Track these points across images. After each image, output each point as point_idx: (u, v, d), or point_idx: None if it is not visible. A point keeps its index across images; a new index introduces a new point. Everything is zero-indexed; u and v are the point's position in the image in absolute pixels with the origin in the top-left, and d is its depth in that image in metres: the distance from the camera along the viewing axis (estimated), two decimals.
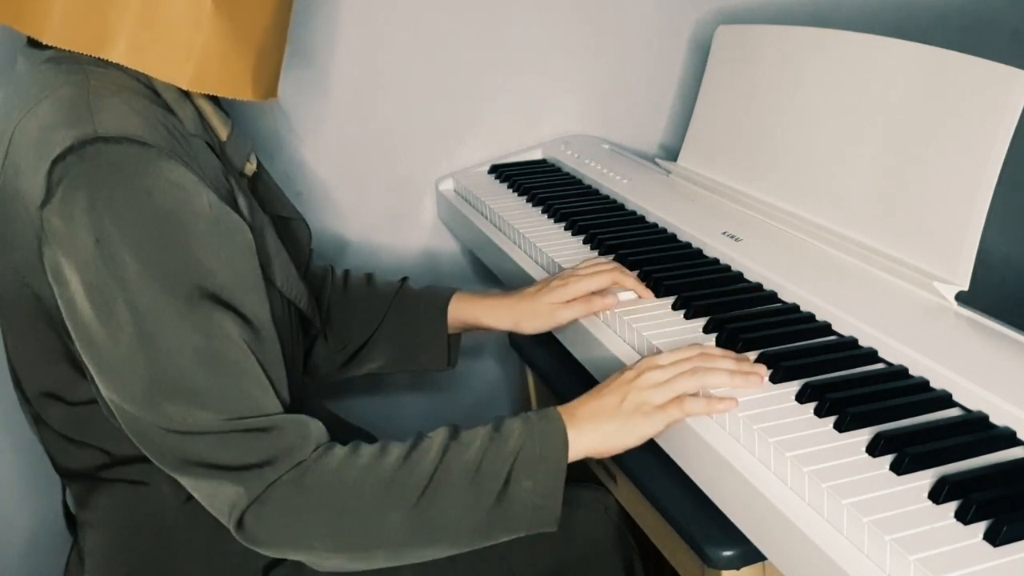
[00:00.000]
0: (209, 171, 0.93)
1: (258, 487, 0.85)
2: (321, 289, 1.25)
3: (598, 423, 0.91)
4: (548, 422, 0.91)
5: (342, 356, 1.25)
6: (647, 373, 0.92)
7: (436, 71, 1.63)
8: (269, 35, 0.96)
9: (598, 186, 1.53)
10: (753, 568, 0.94)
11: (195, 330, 0.85)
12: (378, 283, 1.26)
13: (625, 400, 0.91)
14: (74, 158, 0.83)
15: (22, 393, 1.00)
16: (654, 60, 1.75)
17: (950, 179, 1.03)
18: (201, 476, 0.86)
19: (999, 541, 0.67)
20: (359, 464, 0.87)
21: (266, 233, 1.00)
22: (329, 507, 0.86)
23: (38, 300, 0.90)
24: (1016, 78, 0.98)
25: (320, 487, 0.86)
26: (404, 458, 0.87)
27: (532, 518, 0.90)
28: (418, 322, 1.22)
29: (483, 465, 0.88)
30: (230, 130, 1.02)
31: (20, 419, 1.05)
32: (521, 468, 0.88)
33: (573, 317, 1.13)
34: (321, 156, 1.61)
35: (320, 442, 0.88)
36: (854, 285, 1.06)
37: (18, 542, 1.54)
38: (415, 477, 0.87)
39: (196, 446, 0.85)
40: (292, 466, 0.86)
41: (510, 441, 0.89)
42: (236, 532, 0.87)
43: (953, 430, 0.81)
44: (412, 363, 1.25)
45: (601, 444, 0.91)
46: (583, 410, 0.93)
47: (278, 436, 0.86)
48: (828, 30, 1.26)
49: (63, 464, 1.02)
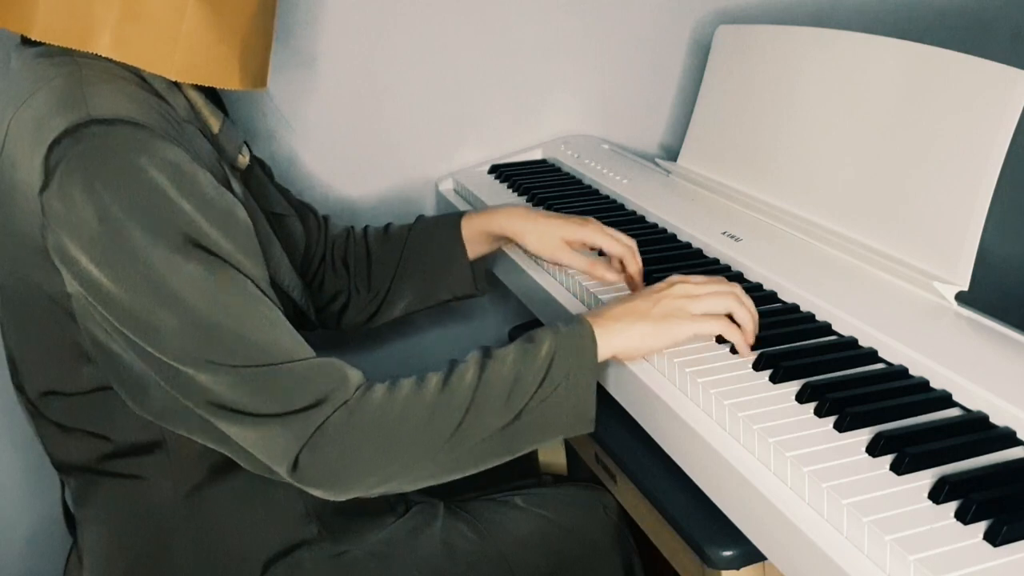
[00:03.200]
0: (204, 155, 0.94)
1: (307, 430, 0.86)
2: (346, 249, 1.28)
3: (629, 323, 0.95)
4: (577, 326, 0.94)
5: (374, 303, 1.28)
6: (679, 285, 0.97)
7: (436, 71, 1.63)
8: (255, 24, 0.97)
9: (598, 186, 1.53)
10: (753, 568, 0.94)
11: (214, 286, 0.86)
12: (394, 228, 1.31)
13: (658, 305, 0.96)
14: (69, 141, 0.84)
15: (19, 387, 1.00)
16: (654, 60, 1.75)
17: (950, 179, 1.03)
18: (249, 425, 0.87)
19: (999, 541, 0.67)
20: (402, 395, 0.89)
21: (260, 224, 1.01)
22: (379, 441, 0.88)
23: (40, 290, 0.90)
24: (1016, 78, 0.98)
25: (368, 424, 0.88)
26: (444, 382, 0.90)
27: (569, 420, 0.93)
28: (435, 248, 1.26)
29: (519, 375, 0.91)
30: (221, 123, 1.03)
31: (20, 419, 1.05)
32: (556, 372, 0.91)
33: (572, 264, 1.16)
34: (321, 156, 1.61)
35: (360, 382, 0.90)
36: (854, 285, 1.06)
37: (18, 541, 1.54)
38: (457, 398, 0.89)
39: (241, 394, 0.86)
40: (337, 407, 0.87)
41: (542, 349, 0.92)
42: (291, 475, 0.88)
43: (953, 430, 0.81)
44: (439, 291, 1.28)
45: (630, 343, 0.95)
46: (614, 311, 0.96)
47: (321, 377, 0.88)
48: (828, 30, 1.26)
49: (60, 458, 1.02)
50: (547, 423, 0.92)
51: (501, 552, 1.09)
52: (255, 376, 0.86)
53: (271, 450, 0.88)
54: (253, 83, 0.99)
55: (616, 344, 0.94)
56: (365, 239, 1.30)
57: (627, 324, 0.95)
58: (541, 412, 0.91)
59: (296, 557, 1.03)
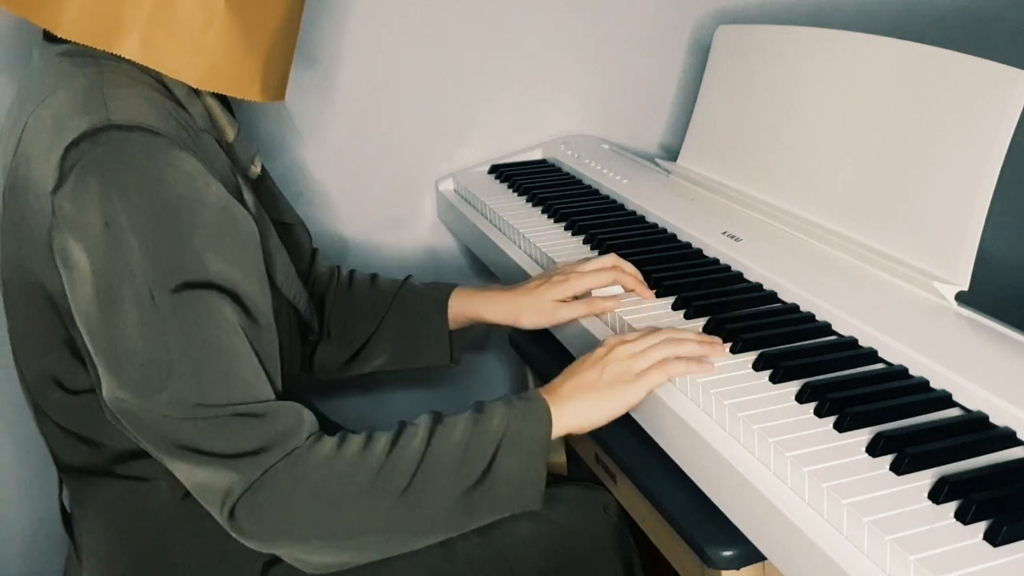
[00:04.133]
0: (218, 165, 0.94)
1: (253, 473, 0.85)
2: (327, 288, 1.25)
3: (580, 398, 0.94)
4: (530, 402, 0.94)
5: (346, 354, 1.25)
6: (619, 347, 0.97)
7: (437, 72, 1.63)
8: (279, 37, 0.97)
9: (598, 186, 1.53)
10: (753, 568, 0.94)
11: (194, 317, 0.85)
12: (381, 281, 1.27)
13: (604, 372, 0.95)
14: (87, 144, 0.84)
15: (24, 381, 1.01)
16: (654, 60, 1.75)
17: (950, 179, 1.03)
18: (196, 463, 0.86)
19: (999, 541, 0.67)
20: (349, 452, 0.88)
21: (269, 234, 1.01)
22: (321, 496, 0.87)
23: (42, 289, 0.91)
24: (1016, 78, 0.98)
25: (312, 476, 0.87)
26: (392, 444, 0.89)
27: (516, 497, 0.92)
28: (419, 318, 1.23)
29: (469, 446, 0.90)
30: (237, 132, 1.03)
31: (20, 418, 1.05)
32: (506, 447, 0.91)
33: (573, 316, 1.13)
34: (322, 156, 1.61)
35: (312, 430, 0.89)
36: (854, 285, 1.06)
37: (17, 541, 1.54)
38: (404, 463, 0.88)
39: (191, 431, 0.85)
40: (286, 453, 0.86)
41: (494, 421, 0.91)
42: (228, 523, 0.87)
43: (953, 430, 0.81)
44: (415, 359, 1.26)
45: (585, 418, 0.95)
46: (564, 388, 0.96)
47: (273, 422, 0.87)
48: (828, 30, 1.26)
49: (64, 459, 1.02)
50: (494, 500, 0.91)
51: (501, 552, 1.08)
52: (208, 413, 0.85)
53: (213, 492, 0.86)
54: (273, 95, 0.99)
55: (568, 422, 0.94)
56: (350, 284, 1.27)
57: (578, 401, 0.94)
58: (489, 486, 0.90)
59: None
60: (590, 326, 1.11)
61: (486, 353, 1.80)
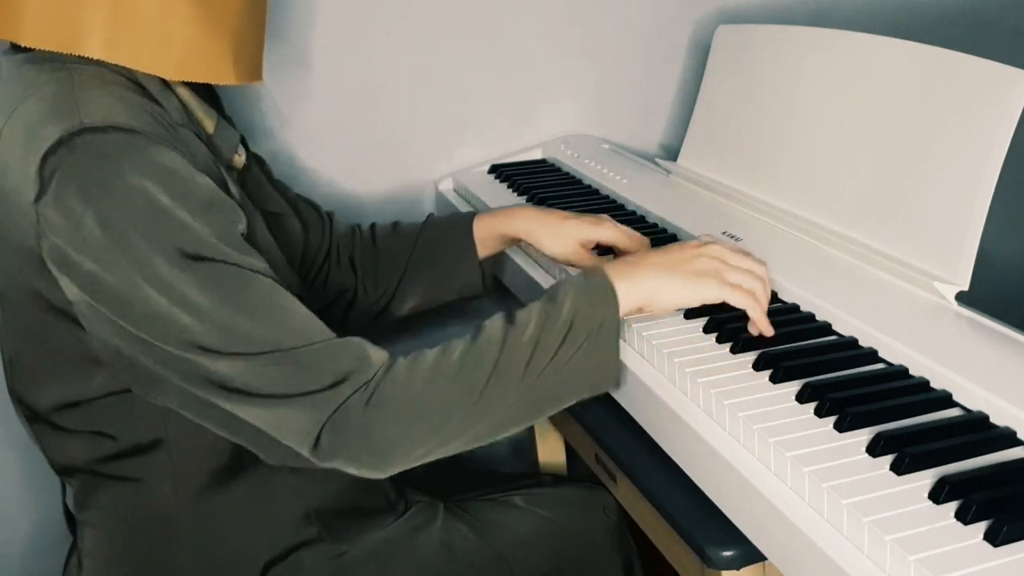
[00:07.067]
0: (199, 158, 0.94)
1: (328, 408, 0.87)
2: (352, 248, 1.27)
3: (658, 272, 0.95)
4: (597, 281, 0.94)
5: (382, 301, 1.28)
6: (716, 247, 0.98)
7: (436, 71, 1.63)
8: (245, 17, 0.97)
9: (598, 186, 1.53)
10: (753, 568, 0.94)
11: (223, 286, 0.86)
12: (403, 226, 1.30)
13: (696, 260, 0.96)
14: (64, 151, 0.84)
15: (18, 397, 1.00)
16: (654, 60, 1.75)
17: (950, 179, 1.03)
18: (263, 407, 0.87)
19: (999, 541, 0.67)
20: (423, 369, 0.89)
21: (256, 226, 1.01)
22: (402, 417, 0.88)
23: (40, 297, 0.90)
24: (1016, 78, 0.98)
25: (390, 402, 0.88)
26: (465, 353, 0.90)
27: (591, 379, 0.94)
28: (446, 246, 1.25)
29: (541, 340, 0.91)
30: (216, 123, 1.03)
31: (19, 419, 1.05)
32: (578, 332, 0.91)
33: (589, 265, 1.13)
34: (321, 156, 1.61)
35: (383, 362, 0.90)
36: (854, 285, 1.06)
37: (18, 542, 1.54)
38: (479, 370, 0.89)
39: (258, 380, 0.86)
40: (357, 387, 0.87)
41: (563, 310, 0.92)
42: (312, 453, 0.88)
43: (953, 430, 0.81)
44: (448, 290, 1.27)
45: (653, 293, 0.95)
46: (645, 260, 0.97)
47: (336, 359, 0.88)
48: (828, 30, 1.26)
49: (60, 462, 1.02)
50: (571, 382, 0.93)
51: (501, 552, 1.09)
52: (272, 361, 0.86)
53: (288, 430, 0.88)
54: (248, 76, 0.98)
55: (640, 294, 0.95)
56: (373, 237, 1.29)
57: (657, 273, 0.95)
58: (565, 373, 0.91)
59: (296, 558, 1.03)
60: None
61: None
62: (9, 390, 1.01)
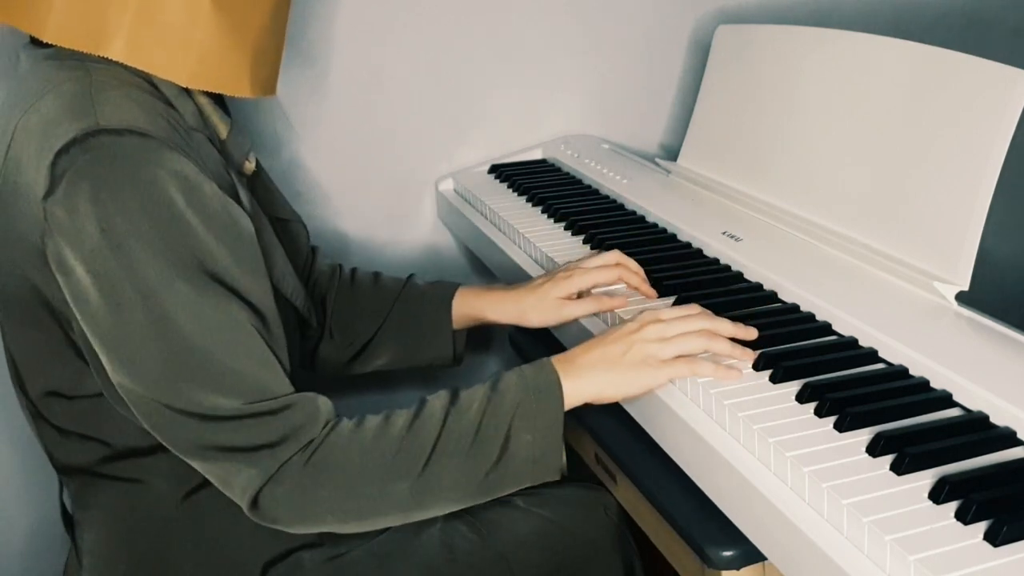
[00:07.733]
0: (210, 164, 0.94)
1: (271, 467, 0.86)
2: (328, 287, 1.25)
3: (599, 371, 0.94)
4: (543, 374, 0.93)
5: (349, 352, 1.26)
6: (651, 327, 0.95)
7: (436, 71, 1.63)
8: (267, 32, 0.97)
9: (598, 186, 1.53)
10: (753, 568, 0.94)
11: (206, 313, 0.86)
12: (384, 280, 1.27)
13: (630, 351, 0.94)
14: (77, 150, 0.83)
15: (21, 387, 1.00)
16: (654, 60, 1.75)
17: (950, 179, 1.03)
18: (215, 459, 0.87)
19: (999, 541, 0.67)
20: (365, 438, 0.89)
21: (265, 231, 1.01)
22: (339, 483, 0.88)
23: (39, 294, 0.90)
24: (1016, 78, 0.98)
25: (330, 464, 0.88)
26: (407, 428, 0.89)
27: (534, 470, 0.93)
28: (422, 317, 1.23)
29: (483, 425, 0.90)
30: (229, 128, 1.03)
31: (20, 419, 1.05)
32: (520, 423, 0.91)
33: (580, 314, 1.12)
34: (321, 156, 1.61)
35: (328, 418, 0.90)
36: (854, 285, 1.06)
37: (17, 542, 1.54)
38: (418, 447, 0.89)
39: (212, 430, 0.86)
40: (303, 445, 0.87)
41: (507, 398, 0.91)
42: (251, 512, 0.88)
43: (953, 430, 0.81)
44: (418, 359, 1.26)
45: (600, 392, 0.94)
46: (584, 358, 0.95)
47: (289, 416, 0.88)
48: (828, 30, 1.26)
49: (61, 460, 1.02)
50: (513, 474, 0.92)
51: (501, 552, 1.08)
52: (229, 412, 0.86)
53: (233, 486, 0.88)
54: (263, 91, 0.98)
55: (583, 392, 0.94)
56: (352, 284, 1.26)
57: (597, 374, 0.94)
58: (506, 464, 0.91)
59: (295, 559, 1.03)
60: (591, 325, 1.10)
61: (487, 354, 1.80)
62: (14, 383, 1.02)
